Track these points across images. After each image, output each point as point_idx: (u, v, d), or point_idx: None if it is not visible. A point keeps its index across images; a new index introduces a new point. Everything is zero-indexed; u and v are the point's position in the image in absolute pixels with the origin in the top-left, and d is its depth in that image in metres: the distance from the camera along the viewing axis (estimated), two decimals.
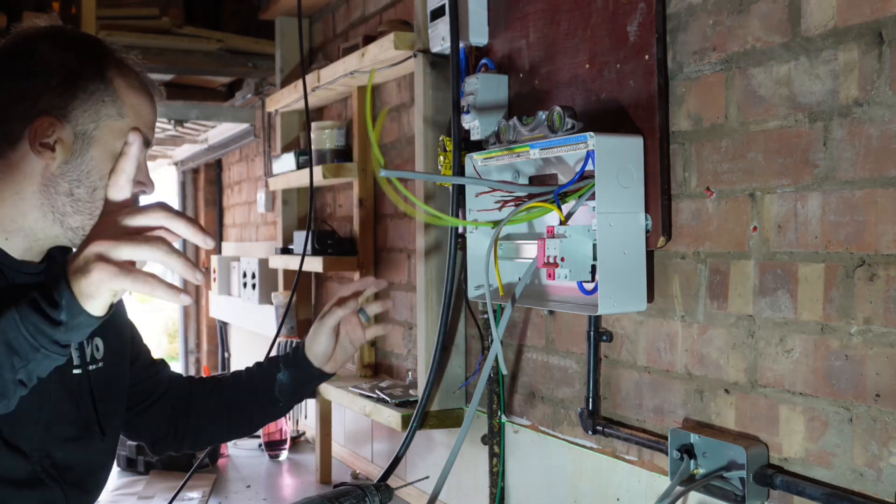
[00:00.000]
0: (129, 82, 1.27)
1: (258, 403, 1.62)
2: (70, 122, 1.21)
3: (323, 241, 2.69)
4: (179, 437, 1.61)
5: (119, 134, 1.23)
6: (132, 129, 1.21)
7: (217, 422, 1.63)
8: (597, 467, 1.66)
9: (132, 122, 1.25)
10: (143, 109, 1.28)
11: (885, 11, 1.12)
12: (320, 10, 3.13)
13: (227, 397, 1.62)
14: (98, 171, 1.23)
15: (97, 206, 1.22)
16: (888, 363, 1.13)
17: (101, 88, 1.23)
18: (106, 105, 1.23)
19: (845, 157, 1.18)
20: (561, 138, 1.46)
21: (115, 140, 1.23)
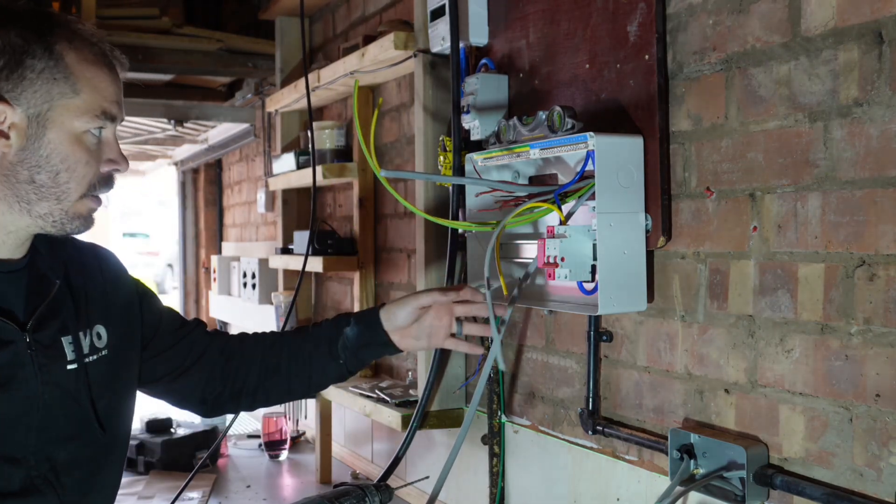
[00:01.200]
0: (83, 55, 1.18)
1: (319, 358, 1.54)
2: (21, 105, 1.15)
3: (323, 241, 2.70)
4: (235, 396, 1.53)
5: (76, 112, 1.17)
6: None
7: (274, 377, 1.55)
8: (597, 467, 1.66)
9: (89, 99, 1.18)
10: (101, 83, 1.20)
11: (885, 11, 1.12)
12: (320, 10, 3.13)
13: (287, 352, 1.55)
14: (58, 153, 1.17)
15: (62, 191, 1.19)
16: (888, 363, 1.13)
17: (50, 65, 1.15)
18: (58, 83, 1.16)
19: (845, 157, 1.18)
20: (561, 138, 1.46)
21: (72, 119, 1.17)
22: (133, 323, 1.42)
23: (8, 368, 1.18)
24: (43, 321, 1.23)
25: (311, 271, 2.86)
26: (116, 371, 1.35)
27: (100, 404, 1.30)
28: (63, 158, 1.18)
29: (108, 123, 1.22)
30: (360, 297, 2.67)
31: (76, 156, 1.19)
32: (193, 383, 1.51)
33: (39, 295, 1.24)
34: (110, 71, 1.23)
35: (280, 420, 3.10)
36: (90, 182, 1.21)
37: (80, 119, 1.18)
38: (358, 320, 1.53)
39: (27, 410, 1.20)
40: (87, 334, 1.31)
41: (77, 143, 1.19)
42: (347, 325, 1.53)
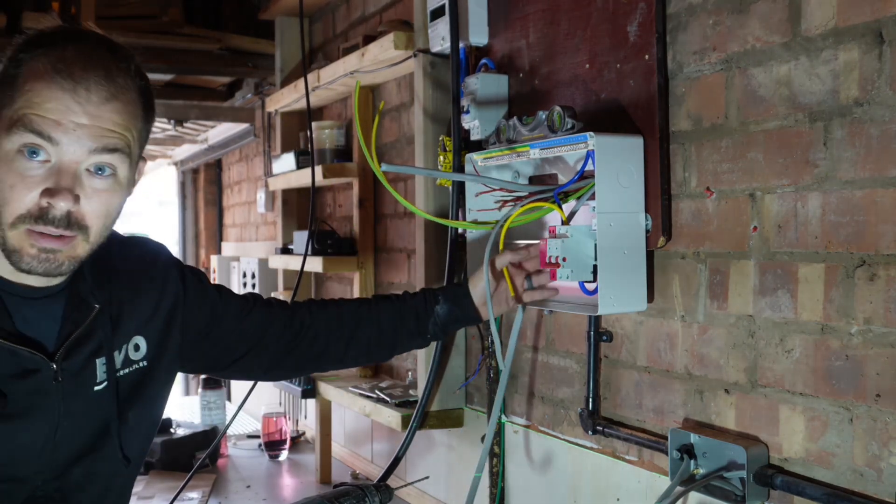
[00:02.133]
0: (37, 67, 1.06)
1: (405, 332, 1.55)
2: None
3: (323, 241, 2.69)
4: (304, 364, 1.53)
5: (7, 125, 1.05)
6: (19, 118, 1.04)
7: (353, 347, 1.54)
8: (597, 467, 1.66)
9: (20, 112, 1.05)
10: (40, 97, 1.05)
11: (885, 11, 1.12)
12: (320, 10, 3.13)
13: (369, 323, 1.55)
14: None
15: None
16: (888, 363, 1.13)
17: (9, 75, 1.07)
18: (4, 93, 1.07)
19: (845, 157, 1.18)
20: (561, 138, 1.46)
21: (3, 133, 1.06)
22: (172, 327, 1.36)
23: (30, 398, 1.14)
24: (75, 347, 1.18)
25: (311, 271, 2.86)
26: (149, 382, 1.31)
27: (124, 418, 1.25)
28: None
29: (44, 144, 1.05)
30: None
31: (1, 176, 1.06)
32: (258, 360, 1.49)
33: (75, 321, 1.19)
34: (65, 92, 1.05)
35: (280, 420, 3.10)
36: (19, 212, 1.06)
37: (7, 133, 1.05)
38: (446, 298, 1.57)
39: (43, 438, 1.17)
40: (123, 349, 1.26)
41: (5, 163, 1.06)
42: (437, 303, 1.56)
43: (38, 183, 1.06)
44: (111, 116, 1.09)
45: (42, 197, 1.06)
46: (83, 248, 1.13)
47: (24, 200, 1.06)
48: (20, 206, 1.06)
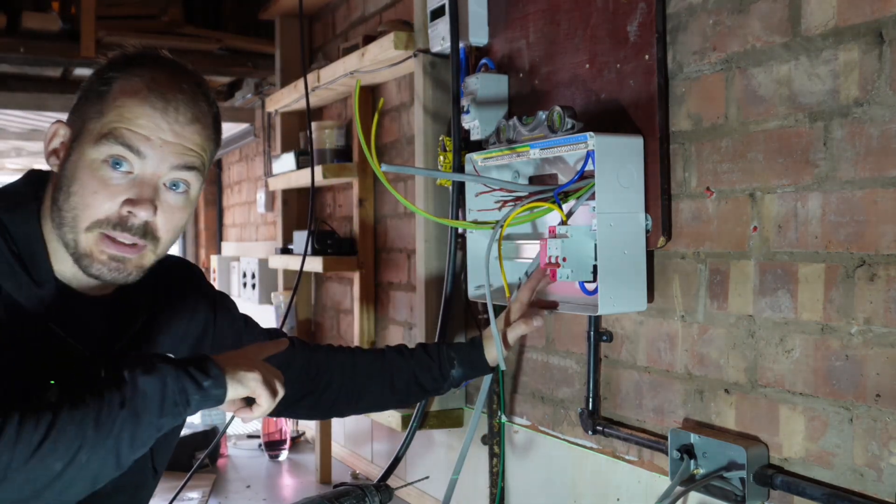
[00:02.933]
0: (130, 85, 1.13)
1: (419, 391, 1.60)
2: (70, 126, 1.16)
3: (323, 241, 2.69)
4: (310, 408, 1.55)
5: (96, 136, 1.12)
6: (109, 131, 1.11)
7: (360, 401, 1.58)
8: (597, 467, 1.66)
9: (111, 125, 1.12)
10: (132, 113, 1.12)
11: (885, 11, 1.12)
12: (320, 10, 3.13)
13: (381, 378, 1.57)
14: (73, 175, 1.12)
15: (72, 217, 1.12)
16: (888, 363, 1.13)
17: (97, 90, 1.15)
18: (93, 105, 1.14)
19: (845, 157, 1.18)
20: (561, 138, 1.46)
21: (91, 142, 1.12)
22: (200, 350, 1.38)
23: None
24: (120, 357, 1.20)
25: (311, 271, 2.86)
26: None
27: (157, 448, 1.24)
28: (74, 180, 1.12)
29: (131, 157, 1.12)
30: (359, 297, 2.67)
31: (84, 181, 1.12)
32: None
33: (122, 328, 1.22)
34: (152, 107, 1.13)
35: (280, 420, 3.10)
36: (97, 217, 1.12)
37: (96, 143, 1.12)
38: (462, 361, 1.58)
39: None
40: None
41: (89, 170, 1.12)
42: (453, 367, 1.58)
43: (120, 192, 1.12)
44: (193, 137, 1.16)
45: (123, 206, 1.12)
46: (150, 258, 1.18)
47: (104, 207, 1.12)
48: (100, 212, 1.12)
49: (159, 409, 1.03)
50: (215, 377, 1.07)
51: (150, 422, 1.02)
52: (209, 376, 1.07)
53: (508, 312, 1.59)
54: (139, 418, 1.01)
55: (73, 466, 0.97)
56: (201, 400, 1.07)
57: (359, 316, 2.67)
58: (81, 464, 0.97)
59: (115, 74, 1.15)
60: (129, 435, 1.01)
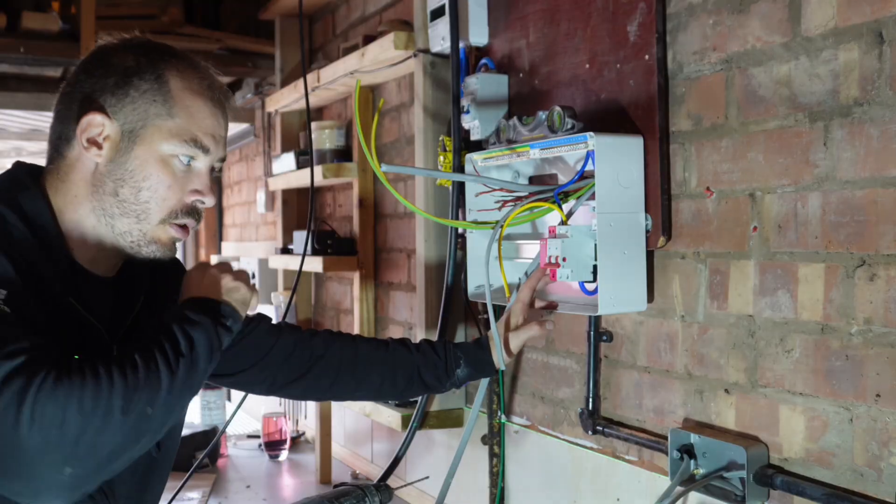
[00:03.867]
0: (188, 84, 1.22)
1: (421, 386, 1.61)
2: (118, 119, 1.19)
3: (323, 241, 2.69)
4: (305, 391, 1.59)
5: (167, 134, 1.20)
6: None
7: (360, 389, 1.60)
8: (597, 467, 1.66)
9: (184, 124, 1.21)
10: (199, 112, 1.22)
11: (885, 11, 1.12)
12: (320, 10, 3.13)
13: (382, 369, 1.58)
14: (142, 170, 1.20)
15: (143, 209, 1.20)
16: (888, 363, 1.13)
17: (154, 88, 1.20)
18: (156, 104, 1.20)
19: (845, 157, 1.18)
20: (561, 138, 1.46)
21: (161, 140, 1.20)
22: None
23: None
24: (127, 332, 1.26)
25: (312, 271, 2.86)
26: None
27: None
28: (146, 176, 1.20)
29: (200, 153, 1.22)
30: (360, 297, 2.67)
31: (159, 176, 1.20)
32: (261, 376, 1.54)
33: (127, 308, 1.28)
34: (213, 105, 1.24)
35: (280, 420, 3.10)
36: (172, 207, 1.22)
37: (169, 141, 1.20)
38: (468, 361, 1.59)
39: None
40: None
41: (162, 165, 1.20)
42: (458, 367, 1.59)
43: (186, 183, 1.23)
44: (226, 130, 1.30)
45: (190, 195, 1.23)
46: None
47: (176, 198, 1.22)
48: (173, 203, 1.22)
49: (209, 355, 1.14)
50: (232, 314, 1.21)
51: (203, 368, 1.13)
52: (229, 316, 1.20)
53: (509, 314, 1.59)
54: (196, 365, 1.12)
55: (160, 410, 1.05)
56: (230, 339, 1.21)
57: (359, 316, 2.67)
58: (167, 407, 1.06)
59: (165, 70, 1.22)
60: (191, 382, 1.11)
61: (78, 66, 1.25)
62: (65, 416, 0.96)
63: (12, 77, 3.50)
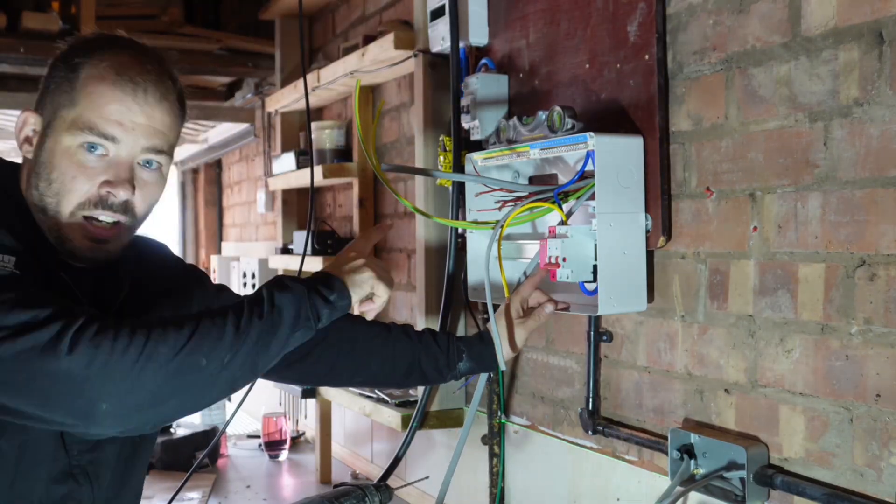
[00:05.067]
0: (97, 72, 1.16)
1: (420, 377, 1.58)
2: (42, 115, 1.19)
3: (323, 241, 2.69)
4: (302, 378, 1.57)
5: (69, 124, 1.16)
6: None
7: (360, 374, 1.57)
8: (597, 467, 1.66)
9: (83, 112, 1.15)
10: (102, 99, 1.15)
11: (885, 11, 1.12)
12: (320, 10, 3.13)
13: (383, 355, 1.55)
14: (50, 162, 1.16)
15: (54, 202, 1.16)
16: (888, 363, 1.13)
17: (67, 78, 1.17)
18: (64, 94, 1.17)
19: (845, 157, 1.18)
20: (561, 138, 1.46)
21: (63, 130, 1.16)
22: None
23: None
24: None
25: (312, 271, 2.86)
26: None
27: None
28: (53, 168, 1.17)
29: (103, 141, 1.16)
30: None
31: (62, 168, 1.16)
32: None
33: (110, 298, 1.27)
34: (122, 92, 1.16)
35: (280, 420, 3.10)
36: (79, 200, 1.16)
37: (69, 131, 1.16)
38: (471, 355, 1.56)
39: None
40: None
41: (66, 156, 1.16)
42: (460, 360, 1.57)
43: (97, 174, 1.17)
44: (162, 117, 1.21)
45: (101, 187, 1.17)
46: (127, 234, 1.24)
47: (83, 189, 1.17)
48: (80, 195, 1.17)
49: (293, 322, 1.13)
50: (339, 290, 1.20)
51: (283, 333, 1.12)
52: (334, 290, 1.19)
53: (508, 309, 1.58)
54: (275, 329, 1.11)
55: (215, 363, 1.05)
56: (331, 312, 1.19)
57: None
58: (224, 363, 1.06)
59: (81, 60, 1.18)
60: (265, 344, 1.10)
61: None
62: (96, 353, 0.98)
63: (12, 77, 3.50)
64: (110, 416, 1.00)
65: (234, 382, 1.10)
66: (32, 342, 0.98)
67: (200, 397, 1.08)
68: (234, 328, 1.08)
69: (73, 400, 0.99)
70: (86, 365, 0.98)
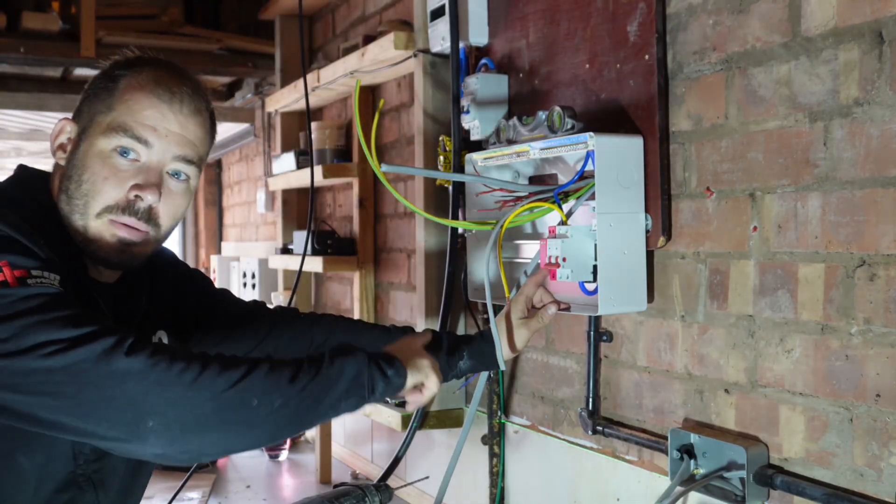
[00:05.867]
0: (137, 81, 1.21)
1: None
2: (78, 122, 1.23)
3: (323, 241, 2.70)
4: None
5: (105, 128, 1.19)
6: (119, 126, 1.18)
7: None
8: (597, 467, 1.66)
9: (120, 117, 1.19)
10: (139, 105, 1.19)
11: (885, 11, 1.12)
12: (320, 10, 3.13)
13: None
14: (83, 164, 1.19)
15: (83, 203, 1.19)
16: (888, 363, 1.13)
17: (106, 87, 1.22)
18: (102, 101, 1.21)
19: (845, 157, 1.18)
20: (561, 138, 1.46)
21: (99, 133, 1.19)
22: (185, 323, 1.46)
23: None
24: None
25: (312, 271, 2.86)
26: None
27: None
28: (85, 169, 1.19)
29: (136, 145, 1.19)
30: (359, 298, 2.67)
31: (94, 169, 1.19)
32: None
33: (128, 312, 1.29)
34: (159, 100, 1.20)
35: None
36: (108, 202, 1.19)
37: (105, 134, 1.19)
38: (472, 354, 1.55)
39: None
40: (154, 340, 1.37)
41: (99, 159, 1.19)
42: (461, 359, 1.56)
43: (128, 178, 1.20)
44: (195, 129, 1.24)
45: (131, 190, 1.19)
46: (152, 246, 1.25)
47: (113, 192, 1.19)
48: (109, 198, 1.19)
49: (348, 386, 1.15)
50: (397, 368, 1.22)
51: (336, 394, 1.13)
52: (392, 366, 1.21)
53: (509, 309, 1.57)
54: (329, 388, 1.13)
55: (266, 406, 1.06)
56: (385, 388, 1.21)
57: (359, 316, 2.67)
58: (274, 407, 1.07)
59: (122, 72, 1.22)
60: (316, 399, 1.12)
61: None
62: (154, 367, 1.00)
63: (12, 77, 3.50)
64: (154, 434, 1.01)
65: (279, 430, 1.11)
66: (87, 353, 0.99)
67: (243, 436, 1.08)
68: (290, 375, 1.09)
69: (122, 412, 1.00)
70: (143, 375, 1.00)
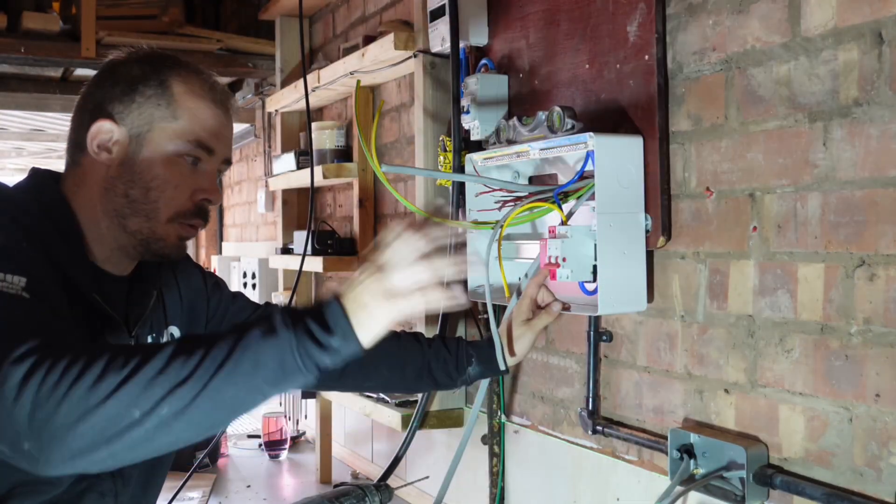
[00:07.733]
0: (191, 88, 1.27)
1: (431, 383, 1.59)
2: (126, 124, 1.25)
3: (323, 241, 2.69)
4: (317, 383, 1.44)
5: (172, 136, 1.25)
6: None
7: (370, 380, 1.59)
8: (597, 467, 1.66)
9: (187, 126, 1.26)
10: (202, 114, 1.27)
11: (885, 11, 1.12)
12: (320, 10, 3.13)
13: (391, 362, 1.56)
14: (150, 171, 1.24)
15: (152, 209, 1.25)
16: (888, 363, 1.13)
17: (158, 93, 1.26)
18: (161, 108, 1.25)
19: (845, 157, 1.18)
20: (561, 138, 1.46)
21: (167, 141, 1.25)
22: (196, 321, 1.50)
23: None
24: (142, 327, 1.34)
25: (312, 271, 2.86)
26: None
27: None
28: (154, 177, 1.24)
29: (204, 154, 1.27)
30: None
31: (165, 176, 1.24)
32: None
33: (141, 304, 1.34)
34: (217, 108, 1.28)
35: (280, 420, 3.10)
36: (178, 207, 1.26)
37: (173, 142, 1.25)
38: (480, 359, 1.57)
39: None
40: (165, 335, 1.41)
41: (169, 165, 1.25)
42: (470, 365, 1.57)
43: (194, 184, 1.27)
44: (231, 132, 1.34)
45: (196, 194, 1.27)
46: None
47: (183, 199, 1.26)
48: (180, 204, 1.26)
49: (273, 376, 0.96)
50: (342, 332, 0.98)
51: (256, 387, 0.96)
52: (334, 333, 0.97)
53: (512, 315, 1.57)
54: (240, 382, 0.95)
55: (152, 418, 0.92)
56: (333, 360, 0.98)
57: None
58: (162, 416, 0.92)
59: (168, 76, 1.27)
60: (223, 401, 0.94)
61: (89, 80, 1.30)
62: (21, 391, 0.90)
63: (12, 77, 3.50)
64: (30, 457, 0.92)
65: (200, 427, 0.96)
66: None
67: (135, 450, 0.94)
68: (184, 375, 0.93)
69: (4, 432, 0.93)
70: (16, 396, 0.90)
